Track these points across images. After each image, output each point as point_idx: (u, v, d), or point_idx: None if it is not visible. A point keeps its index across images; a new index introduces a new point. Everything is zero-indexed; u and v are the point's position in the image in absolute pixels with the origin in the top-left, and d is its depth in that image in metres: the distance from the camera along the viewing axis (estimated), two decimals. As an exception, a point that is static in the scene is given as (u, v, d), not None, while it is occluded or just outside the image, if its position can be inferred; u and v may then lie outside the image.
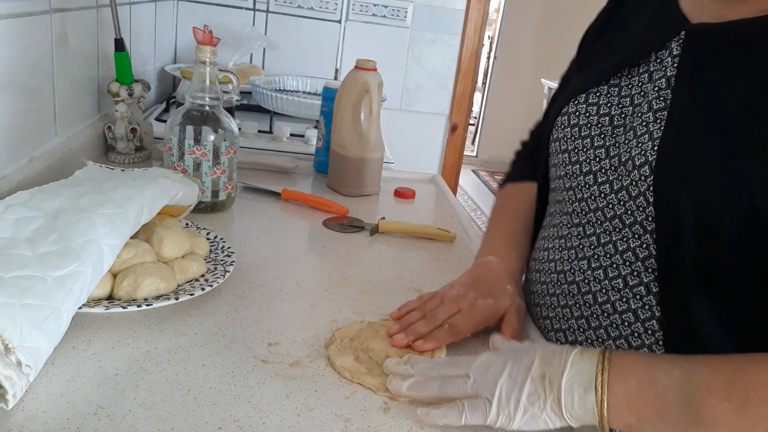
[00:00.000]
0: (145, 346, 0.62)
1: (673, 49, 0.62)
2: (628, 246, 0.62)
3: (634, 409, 0.50)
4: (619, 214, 0.62)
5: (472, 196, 4.85)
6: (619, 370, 0.51)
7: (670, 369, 0.51)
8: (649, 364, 0.52)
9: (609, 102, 0.67)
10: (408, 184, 1.28)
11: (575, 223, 0.68)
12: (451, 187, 2.29)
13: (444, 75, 2.17)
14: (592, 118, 0.68)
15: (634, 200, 0.60)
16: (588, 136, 0.67)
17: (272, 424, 0.53)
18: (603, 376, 0.51)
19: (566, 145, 0.70)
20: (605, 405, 0.50)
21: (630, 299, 0.62)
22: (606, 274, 0.64)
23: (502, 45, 5.31)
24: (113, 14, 1.14)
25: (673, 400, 0.49)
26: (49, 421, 0.49)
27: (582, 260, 0.67)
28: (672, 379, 0.50)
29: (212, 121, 0.95)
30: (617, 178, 0.62)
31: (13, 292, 0.53)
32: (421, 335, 0.66)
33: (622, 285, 0.62)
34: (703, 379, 0.49)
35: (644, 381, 0.51)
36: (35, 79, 0.92)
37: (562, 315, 0.69)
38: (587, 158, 0.67)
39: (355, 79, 1.13)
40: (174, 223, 0.78)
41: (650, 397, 0.50)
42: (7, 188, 0.81)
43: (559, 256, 0.70)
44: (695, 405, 0.48)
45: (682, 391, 0.49)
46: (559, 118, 0.73)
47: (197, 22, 1.87)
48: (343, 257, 0.90)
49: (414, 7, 2.07)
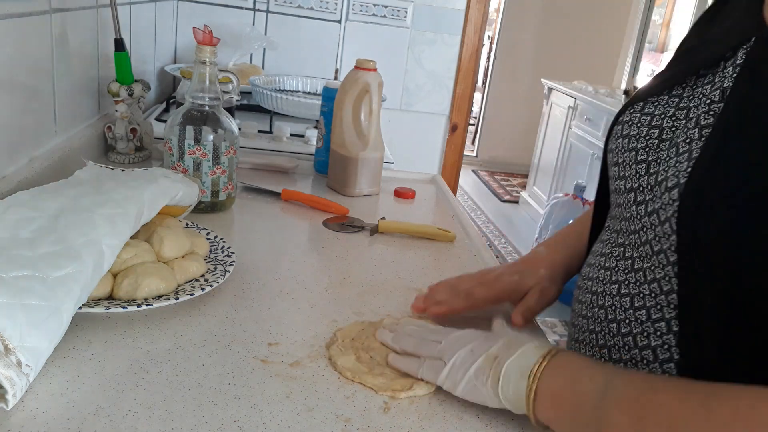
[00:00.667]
0: (145, 346, 0.62)
1: (738, 56, 0.55)
2: (654, 276, 0.57)
3: (555, 405, 0.52)
4: (650, 240, 0.57)
5: (472, 196, 4.85)
6: (554, 366, 0.53)
7: (595, 376, 0.52)
8: (581, 368, 0.53)
9: (664, 113, 0.60)
10: (408, 184, 1.28)
11: (619, 243, 0.63)
12: (451, 187, 2.29)
13: (444, 75, 2.17)
14: (642, 129, 0.61)
15: (662, 225, 0.55)
16: (635, 148, 0.61)
17: (272, 424, 0.53)
18: (540, 368, 0.53)
19: (617, 157, 0.64)
20: (533, 394, 0.53)
21: (651, 335, 0.57)
22: (632, 303, 0.59)
23: (502, 45, 5.32)
24: (113, 14, 1.14)
25: (586, 405, 0.51)
26: (49, 421, 0.49)
27: (614, 284, 0.62)
28: (593, 385, 0.51)
29: (212, 121, 0.95)
30: (652, 199, 0.57)
31: (13, 292, 0.53)
32: (437, 301, 0.72)
33: (645, 318, 0.58)
34: (616, 391, 0.50)
35: (570, 381, 0.53)
36: (35, 79, 0.92)
37: (588, 340, 0.66)
38: (630, 174, 0.61)
39: (355, 79, 1.13)
40: (174, 223, 0.78)
41: (570, 397, 0.52)
42: (7, 188, 0.81)
43: (596, 275, 0.66)
44: (601, 413, 0.49)
45: (596, 398, 0.50)
46: (615, 127, 0.67)
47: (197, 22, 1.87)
48: (343, 257, 0.90)
49: (414, 7, 2.07)
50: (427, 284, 0.83)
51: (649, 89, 0.64)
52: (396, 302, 0.78)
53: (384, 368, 0.62)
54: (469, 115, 2.30)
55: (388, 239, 0.99)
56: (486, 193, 4.97)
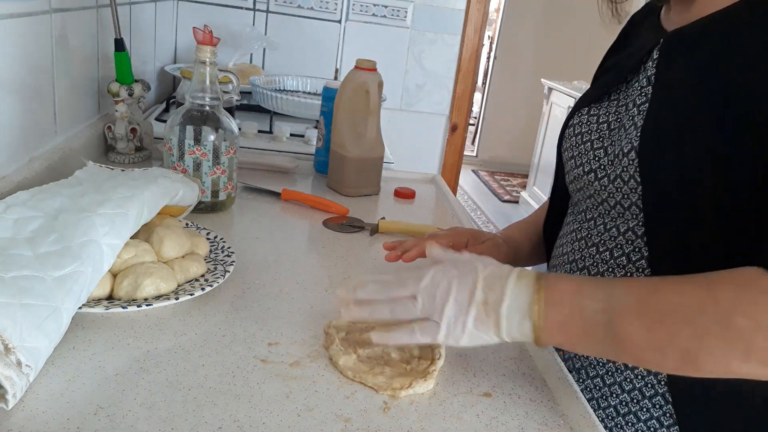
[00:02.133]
0: (145, 346, 0.62)
1: (654, 54, 0.71)
2: (629, 227, 0.69)
3: (564, 331, 0.56)
4: (619, 200, 0.69)
5: (472, 196, 4.85)
6: (552, 297, 0.56)
7: (595, 294, 0.56)
8: (578, 291, 0.57)
9: (607, 111, 0.75)
10: (408, 184, 1.28)
11: (587, 218, 0.76)
12: (451, 187, 2.29)
13: (444, 75, 2.17)
14: (592, 126, 0.76)
15: (627, 184, 0.67)
16: (589, 140, 0.76)
17: (272, 424, 0.53)
18: (539, 305, 0.56)
19: (572, 152, 0.78)
20: (539, 330, 0.56)
21: (633, 273, 0.69)
22: (612, 254, 0.71)
23: (502, 45, 5.32)
24: (113, 14, 1.14)
25: (597, 322, 0.55)
26: (49, 421, 0.49)
27: (591, 247, 0.74)
28: (597, 303, 0.55)
29: (212, 121, 0.95)
30: (612, 170, 0.70)
31: (13, 292, 0.53)
32: (407, 248, 0.80)
33: (626, 261, 0.69)
34: (621, 301, 0.55)
35: (575, 308, 0.56)
36: (35, 79, 0.92)
37: None
38: (588, 159, 0.75)
39: (355, 79, 1.13)
40: (174, 223, 0.78)
41: (578, 321, 0.56)
42: (7, 188, 0.81)
43: (571, 248, 0.77)
44: (613, 325, 0.54)
45: (604, 313, 0.55)
46: (566, 130, 0.81)
47: (197, 22, 1.87)
48: (343, 257, 0.90)
49: (414, 7, 2.07)
50: (427, 284, 0.84)
51: (589, 98, 0.80)
52: (396, 302, 0.78)
53: (384, 367, 0.62)
54: (469, 115, 2.30)
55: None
56: (486, 193, 4.97)
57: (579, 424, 0.59)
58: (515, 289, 0.57)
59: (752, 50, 0.61)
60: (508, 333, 0.57)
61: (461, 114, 2.23)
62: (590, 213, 0.75)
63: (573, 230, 0.78)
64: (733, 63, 0.62)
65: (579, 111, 0.80)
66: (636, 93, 0.71)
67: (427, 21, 2.09)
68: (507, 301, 0.57)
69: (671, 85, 0.67)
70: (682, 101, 0.65)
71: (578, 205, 0.79)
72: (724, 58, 0.63)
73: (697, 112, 0.63)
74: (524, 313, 0.56)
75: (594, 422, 0.58)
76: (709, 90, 0.62)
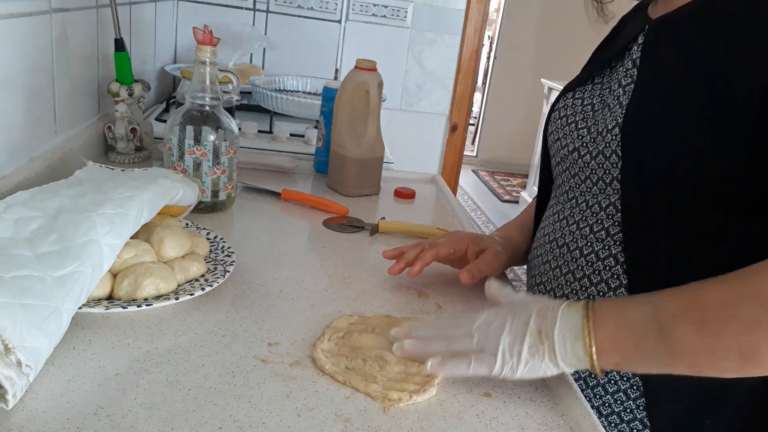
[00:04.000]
0: (145, 346, 0.62)
1: (638, 39, 0.73)
2: (610, 201, 0.70)
3: (617, 348, 0.56)
4: (601, 176, 0.71)
5: (472, 196, 4.85)
6: (599, 317, 0.57)
7: (640, 306, 0.57)
8: (623, 306, 0.58)
9: (592, 95, 0.77)
10: (408, 184, 1.28)
11: (570, 197, 0.77)
12: (451, 187, 2.29)
13: (444, 75, 2.17)
14: (577, 108, 0.78)
15: (609, 159, 0.69)
16: (574, 122, 0.77)
17: (272, 424, 0.53)
18: (588, 325, 0.56)
19: (558, 134, 0.80)
20: (594, 350, 0.56)
21: (611, 246, 0.70)
22: (591, 229, 0.72)
23: (502, 45, 5.31)
24: (113, 14, 1.14)
25: (646, 333, 0.55)
26: (49, 421, 0.49)
27: (572, 224, 0.75)
28: (643, 314, 0.56)
29: (212, 121, 0.95)
30: (595, 147, 0.72)
31: (13, 292, 0.53)
32: (410, 261, 0.80)
33: (605, 235, 0.71)
34: (668, 308, 0.55)
35: (621, 322, 0.56)
36: (35, 79, 0.92)
37: (552, 276, 0.77)
38: (572, 138, 0.77)
39: (355, 79, 1.13)
40: (174, 223, 0.78)
41: (628, 334, 0.56)
42: (7, 188, 0.81)
43: (552, 228, 0.79)
44: (665, 332, 0.54)
45: (653, 322, 0.55)
46: (552, 114, 0.83)
47: (197, 22, 1.87)
48: (343, 257, 0.90)
49: (414, 7, 2.07)
50: (427, 284, 0.84)
51: (575, 83, 0.82)
52: (396, 302, 0.78)
53: (378, 372, 0.61)
54: (469, 115, 2.30)
55: (388, 239, 0.99)
56: (486, 193, 4.97)
57: (579, 424, 0.59)
58: (566, 315, 0.58)
59: (738, 32, 0.62)
60: (563, 357, 0.57)
61: (461, 114, 2.23)
62: (572, 192, 0.76)
63: (555, 212, 0.79)
64: (718, 47, 0.63)
65: (564, 95, 0.81)
66: (621, 75, 0.73)
67: (427, 21, 2.09)
68: (558, 325, 0.57)
69: (657, 66, 0.68)
70: (668, 82, 0.66)
71: (561, 186, 0.80)
72: (710, 42, 0.64)
73: (682, 93, 0.64)
74: (576, 335, 0.57)
75: (594, 422, 0.58)
76: (695, 72, 0.64)
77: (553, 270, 0.77)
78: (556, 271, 0.76)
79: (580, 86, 0.80)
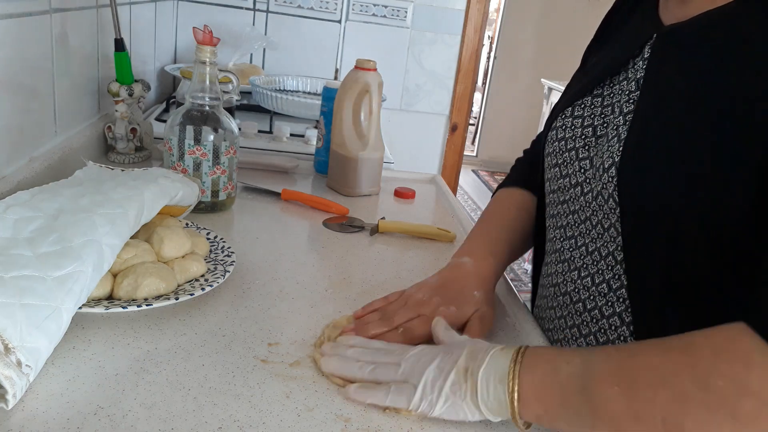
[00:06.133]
0: (145, 346, 0.62)
1: (645, 52, 0.64)
2: (609, 250, 0.64)
3: (540, 399, 0.52)
4: (600, 219, 0.64)
5: (472, 196, 4.85)
6: (529, 363, 0.53)
7: (571, 359, 0.52)
8: (555, 356, 0.54)
9: (592, 113, 0.68)
10: (408, 184, 1.28)
11: (568, 236, 0.70)
12: (451, 187, 2.29)
13: (444, 75, 2.17)
14: (576, 130, 0.69)
15: (607, 203, 0.62)
16: (573, 148, 0.69)
17: (272, 424, 0.53)
18: (515, 368, 0.53)
19: (556, 159, 0.71)
20: (515, 396, 0.52)
21: (614, 303, 0.64)
22: (593, 280, 0.66)
23: (502, 45, 5.32)
24: (113, 14, 1.14)
25: (572, 389, 0.51)
26: (49, 421, 0.49)
27: (574, 271, 0.69)
28: (572, 368, 0.51)
29: (212, 121, 0.95)
30: (596, 185, 0.64)
31: (13, 292, 0.53)
32: (374, 336, 0.66)
33: (606, 290, 0.64)
34: (597, 366, 0.51)
35: (549, 372, 0.52)
36: (35, 79, 0.92)
37: (558, 326, 0.72)
38: (574, 170, 0.68)
39: (355, 79, 1.13)
40: (174, 223, 0.78)
41: (554, 386, 0.52)
42: (7, 188, 0.81)
43: (554, 270, 0.73)
44: (589, 391, 0.50)
45: (580, 378, 0.51)
46: (549, 133, 0.74)
47: (197, 22, 1.87)
48: (343, 257, 0.90)
49: (414, 7, 2.07)
50: (427, 284, 0.83)
51: (572, 95, 0.72)
52: (396, 302, 0.77)
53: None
54: (469, 115, 2.30)
55: (388, 239, 0.99)
56: (486, 193, 4.97)
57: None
58: (496, 357, 0.55)
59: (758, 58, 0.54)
60: (484, 400, 0.53)
61: (461, 114, 2.23)
62: (571, 230, 0.69)
63: (556, 249, 0.72)
64: (732, 72, 0.55)
65: (563, 112, 0.72)
66: (623, 97, 0.65)
67: (427, 21, 2.09)
68: (485, 366, 0.54)
69: (661, 93, 0.60)
70: (673, 113, 0.58)
71: (558, 218, 0.72)
72: (723, 66, 0.56)
73: (690, 127, 0.56)
74: (500, 378, 0.53)
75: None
76: (705, 100, 0.56)
77: (559, 319, 0.72)
78: (561, 321, 0.71)
79: (578, 100, 0.71)
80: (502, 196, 0.90)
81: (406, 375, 0.57)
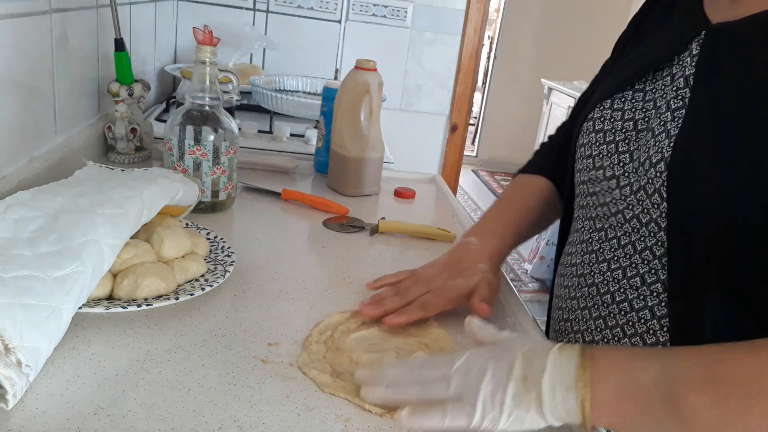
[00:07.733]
0: (145, 346, 0.62)
1: (693, 49, 0.63)
2: (646, 245, 0.63)
3: (615, 407, 0.49)
4: (637, 214, 0.63)
5: (472, 196, 4.85)
6: (599, 369, 0.50)
7: (647, 364, 0.49)
8: (629, 361, 0.51)
9: (633, 107, 0.68)
10: (408, 184, 1.28)
11: (597, 227, 0.70)
12: (451, 187, 2.29)
13: (444, 75, 2.17)
14: (616, 123, 0.68)
15: (650, 198, 0.61)
16: (612, 141, 0.68)
17: (272, 424, 0.53)
18: (584, 375, 0.49)
19: (591, 150, 0.71)
20: (587, 405, 0.49)
21: (647, 296, 0.63)
22: (625, 273, 0.65)
23: (502, 45, 5.31)
24: (113, 14, 1.14)
25: (653, 398, 0.48)
26: (49, 421, 0.49)
27: (602, 263, 0.68)
28: (651, 374, 0.49)
29: (212, 121, 0.95)
30: (637, 179, 0.63)
31: (13, 292, 0.53)
32: (392, 310, 0.69)
33: (639, 283, 0.64)
34: (682, 373, 0.48)
35: (624, 379, 0.49)
36: (35, 79, 0.92)
37: (581, 317, 0.71)
38: (611, 163, 0.67)
39: (355, 79, 1.13)
40: (174, 223, 0.78)
41: (631, 394, 0.49)
42: (7, 188, 0.81)
43: (581, 260, 0.72)
44: (674, 400, 0.47)
45: (662, 386, 0.48)
46: (585, 124, 0.73)
47: (197, 22, 1.87)
48: (343, 257, 0.90)
49: (414, 7, 2.07)
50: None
51: (612, 87, 0.72)
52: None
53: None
54: (469, 115, 2.30)
55: (388, 239, 0.99)
56: (486, 193, 4.97)
57: (579, 424, 0.59)
58: (558, 360, 0.51)
59: None
60: (552, 409, 0.49)
61: (461, 114, 2.23)
62: (600, 222, 0.69)
63: (583, 240, 0.72)
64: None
65: (601, 104, 0.72)
66: (670, 92, 0.64)
67: (427, 21, 2.09)
68: (549, 372, 0.50)
69: (716, 91, 0.59)
70: (729, 113, 0.57)
71: (587, 209, 0.72)
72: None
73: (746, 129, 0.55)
74: (569, 386, 0.49)
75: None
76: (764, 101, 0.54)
77: (582, 310, 0.70)
78: (585, 312, 0.70)
79: (618, 93, 0.70)
80: (519, 181, 0.92)
81: (459, 391, 0.52)
